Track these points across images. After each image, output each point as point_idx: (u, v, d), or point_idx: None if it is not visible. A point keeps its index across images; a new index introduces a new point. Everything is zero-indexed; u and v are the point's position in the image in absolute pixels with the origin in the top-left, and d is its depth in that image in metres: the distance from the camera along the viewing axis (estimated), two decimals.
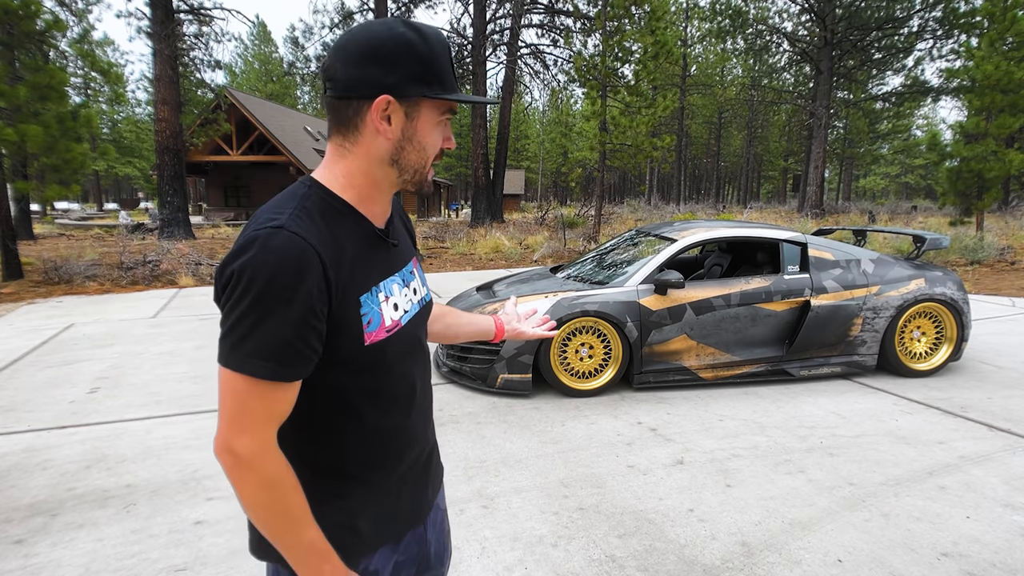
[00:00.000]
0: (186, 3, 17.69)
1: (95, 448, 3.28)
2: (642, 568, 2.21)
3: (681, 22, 39.13)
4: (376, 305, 0.86)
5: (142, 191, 54.53)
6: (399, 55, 0.81)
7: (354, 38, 0.82)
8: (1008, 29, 12.01)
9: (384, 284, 0.89)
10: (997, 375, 4.54)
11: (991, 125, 12.06)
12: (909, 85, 31.08)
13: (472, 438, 3.43)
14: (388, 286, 0.90)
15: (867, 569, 2.18)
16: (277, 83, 50.87)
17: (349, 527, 0.89)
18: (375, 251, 0.88)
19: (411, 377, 0.95)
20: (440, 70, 0.84)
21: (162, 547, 2.34)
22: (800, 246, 4.51)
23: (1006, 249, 11.94)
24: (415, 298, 0.97)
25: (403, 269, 0.95)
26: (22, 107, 8.42)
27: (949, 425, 3.58)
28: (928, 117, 55.61)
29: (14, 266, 9.49)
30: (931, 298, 4.45)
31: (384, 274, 0.90)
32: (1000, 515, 2.55)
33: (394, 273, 0.92)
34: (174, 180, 16.15)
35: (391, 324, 0.88)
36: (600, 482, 2.89)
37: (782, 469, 3.01)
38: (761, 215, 27.48)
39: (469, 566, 2.22)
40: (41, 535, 2.43)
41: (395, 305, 0.90)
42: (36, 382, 4.44)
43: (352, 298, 0.82)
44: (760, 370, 4.37)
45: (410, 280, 0.97)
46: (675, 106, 17.65)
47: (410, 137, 0.85)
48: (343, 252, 0.82)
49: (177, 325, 6.40)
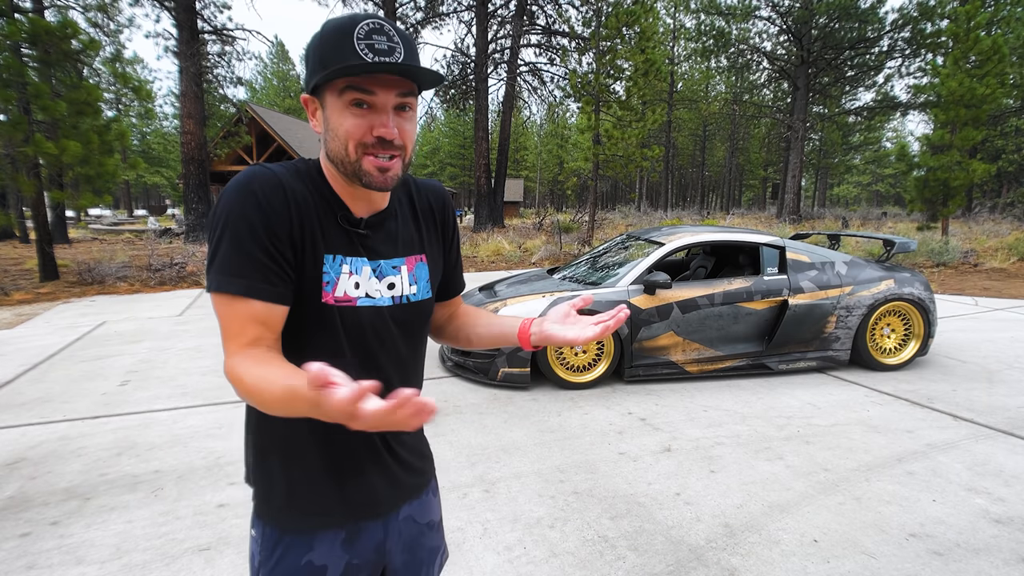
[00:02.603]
0: (210, 24, 17.68)
1: (126, 437, 3.28)
2: (632, 548, 2.20)
3: (669, 42, 39.09)
4: (336, 273, 0.83)
5: (169, 198, 54.53)
6: (308, 54, 0.79)
7: None
8: (971, 48, 12.01)
9: (352, 260, 0.85)
10: (961, 369, 4.54)
11: (956, 137, 12.06)
12: (880, 100, 31.06)
13: (475, 427, 3.43)
14: (357, 265, 0.86)
15: (841, 548, 2.18)
16: (294, 98, 50.79)
17: (287, 482, 0.87)
18: (339, 228, 0.85)
19: (371, 365, 0.88)
20: (328, 52, 0.75)
21: (187, 528, 2.34)
22: (779, 249, 4.50)
23: (969, 252, 11.94)
24: (389, 292, 0.90)
25: (382, 261, 0.89)
26: (61, 121, 8.42)
27: (917, 415, 3.57)
28: (897, 130, 55.55)
29: (51, 268, 9.48)
30: (900, 297, 4.45)
31: (348, 252, 0.85)
32: (964, 499, 2.55)
33: (362, 257, 0.87)
34: (199, 188, 16.14)
35: (342, 296, 0.84)
36: (593, 468, 2.89)
37: (762, 456, 3.01)
38: (743, 221, 27.46)
39: (472, 546, 2.22)
40: (76, 517, 2.43)
41: (356, 284, 0.85)
42: (71, 375, 4.44)
43: (318, 250, 0.81)
44: (742, 364, 4.36)
45: (389, 274, 0.90)
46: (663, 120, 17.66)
47: (328, 128, 0.80)
48: (313, 207, 0.82)
49: (202, 322, 6.40)
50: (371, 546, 0.93)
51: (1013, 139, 30.26)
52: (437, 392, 4.06)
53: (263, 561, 0.88)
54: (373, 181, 0.81)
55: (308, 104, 0.82)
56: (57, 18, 10.68)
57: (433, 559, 1.04)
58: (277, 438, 0.87)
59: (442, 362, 4.74)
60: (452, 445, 3.17)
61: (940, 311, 6.62)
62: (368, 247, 0.88)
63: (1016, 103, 24.01)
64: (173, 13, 15.43)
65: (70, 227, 22.93)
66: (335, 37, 0.75)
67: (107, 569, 2.07)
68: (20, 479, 2.76)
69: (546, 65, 25.95)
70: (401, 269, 0.92)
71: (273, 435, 0.88)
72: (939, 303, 7.15)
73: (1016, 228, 18.23)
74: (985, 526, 2.33)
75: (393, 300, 0.90)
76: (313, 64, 0.78)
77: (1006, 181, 34.01)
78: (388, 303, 0.90)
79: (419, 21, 22.81)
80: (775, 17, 27.95)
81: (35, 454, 3.04)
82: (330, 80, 0.76)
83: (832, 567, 2.07)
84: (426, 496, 1.03)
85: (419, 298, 0.95)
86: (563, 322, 0.92)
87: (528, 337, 0.95)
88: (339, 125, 0.78)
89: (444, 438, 3.26)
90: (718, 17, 28.38)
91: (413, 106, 0.82)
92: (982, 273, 10.27)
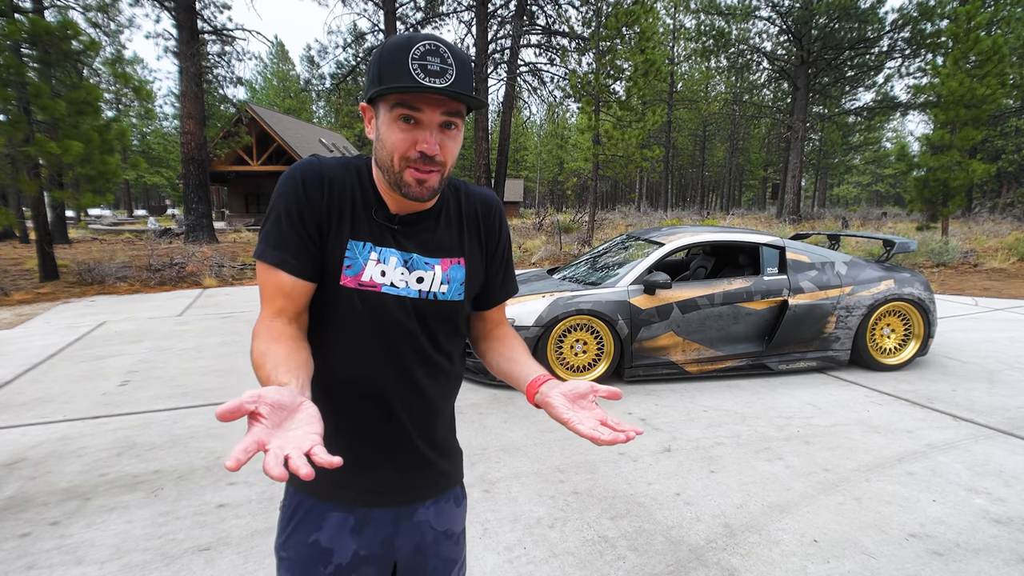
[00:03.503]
0: (210, 24, 17.68)
1: (125, 437, 3.27)
2: (632, 548, 2.20)
3: (669, 42, 39.09)
4: (363, 258, 0.89)
5: (169, 198, 54.53)
6: (370, 65, 0.85)
7: None
8: (971, 49, 12.01)
9: (381, 250, 0.90)
10: (961, 369, 4.54)
11: (955, 137, 12.06)
12: (879, 100, 31.07)
13: (475, 427, 3.43)
14: (386, 255, 0.90)
15: (841, 548, 2.18)
16: (294, 99, 50.82)
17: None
18: (372, 219, 0.91)
19: (393, 357, 0.90)
20: (385, 68, 0.81)
21: (187, 528, 2.34)
22: (778, 249, 4.50)
23: (969, 252, 11.94)
24: (417, 285, 0.91)
25: (415, 254, 0.92)
26: (61, 121, 8.41)
27: (917, 415, 3.57)
28: (897, 130, 55.58)
29: (51, 268, 9.48)
30: (900, 297, 4.45)
31: (378, 241, 0.90)
32: (964, 499, 2.55)
33: (392, 248, 0.90)
34: (199, 188, 16.14)
35: (367, 281, 0.88)
36: (593, 468, 2.89)
37: (762, 456, 3.01)
38: (742, 221, 27.46)
39: (472, 546, 2.22)
40: (76, 517, 2.43)
41: (382, 272, 0.89)
42: (71, 375, 4.44)
43: (343, 236, 0.88)
44: (742, 364, 4.36)
45: (421, 268, 0.92)
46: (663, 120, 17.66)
47: (378, 137, 0.86)
48: (350, 196, 0.90)
49: (202, 323, 6.40)
50: (379, 538, 0.93)
51: (1013, 139, 30.27)
52: None
53: (280, 531, 0.94)
54: (411, 192, 0.86)
55: (365, 112, 0.89)
56: (57, 18, 10.69)
57: (449, 570, 1.01)
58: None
59: None
60: None
61: (940, 311, 6.62)
62: (400, 241, 0.92)
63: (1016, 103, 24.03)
64: (173, 13, 15.43)
65: (70, 227, 22.93)
66: (393, 54, 0.81)
67: (107, 569, 2.07)
68: (20, 479, 2.76)
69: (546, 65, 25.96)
70: (435, 267, 0.94)
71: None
72: (939, 303, 7.15)
73: (1016, 228, 18.24)
74: (985, 526, 2.33)
75: (420, 294, 0.92)
76: (371, 76, 0.84)
77: (1006, 181, 34.03)
78: (414, 295, 0.92)
79: (419, 21, 22.82)
80: (775, 17, 27.95)
81: (35, 454, 3.04)
82: (383, 95, 0.83)
83: (832, 567, 2.07)
84: (447, 502, 1.01)
85: (448, 298, 0.95)
86: (575, 402, 0.83)
87: (534, 394, 0.90)
88: (387, 137, 0.84)
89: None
90: (718, 17, 28.39)
91: (459, 125, 0.86)
92: (982, 273, 10.28)
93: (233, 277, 10.10)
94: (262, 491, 2.63)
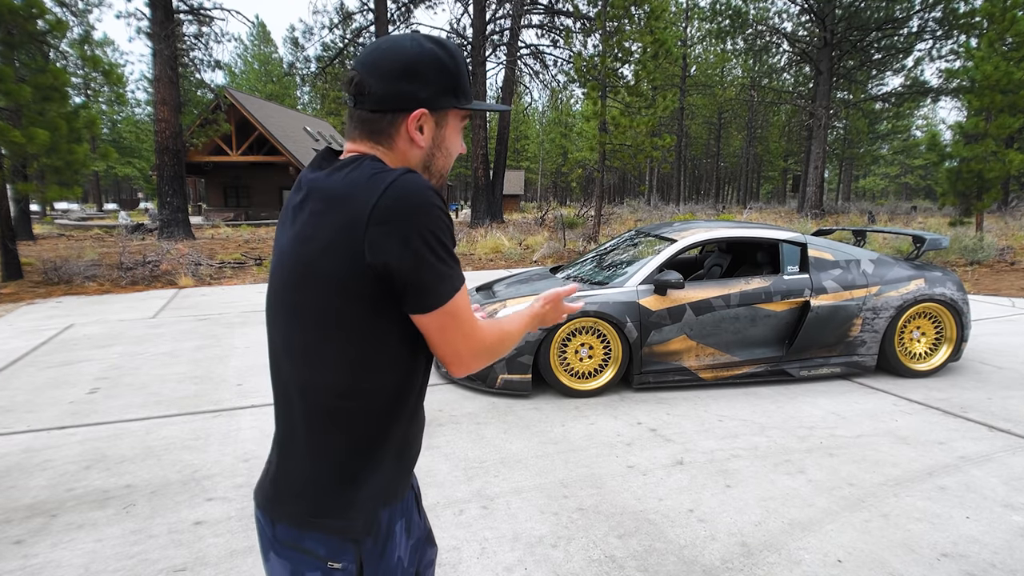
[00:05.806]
0: (186, 3, 17.69)
1: (95, 448, 3.27)
2: (642, 568, 2.21)
3: (681, 22, 39.14)
4: None
5: (142, 191, 54.55)
6: (431, 71, 0.90)
7: (386, 56, 0.89)
8: (1008, 29, 12.01)
9: None
10: (997, 375, 4.54)
11: (991, 125, 12.06)
12: (909, 85, 31.09)
13: (472, 438, 3.43)
14: None
15: (867, 569, 2.18)
16: (277, 83, 50.88)
17: (397, 471, 1.00)
18: None
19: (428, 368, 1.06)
20: (465, 82, 0.95)
21: (162, 547, 2.34)
22: (800, 246, 4.51)
23: (1006, 249, 11.95)
24: None
25: None
26: (25, 108, 8.42)
27: (949, 425, 3.58)
28: (928, 117, 55.61)
29: (14, 266, 9.49)
30: (931, 298, 4.45)
31: None
32: (1000, 515, 2.55)
33: None
34: (174, 180, 16.14)
35: None
36: (600, 482, 2.89)
37: (782, 469, 3.01)
38: (761, 215, 27.48)
39: (469, 566, 2.22)
40: (41, 535, 2.43)
41: None
42: (36, 383, 4.44)
43: None
44: (760, 370, 4.37)
45: None
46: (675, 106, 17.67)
47: (439, 144, 0.96)
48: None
49: (177, 325, 6.40)
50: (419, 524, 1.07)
51: None
52: (431, 400, 4.07)
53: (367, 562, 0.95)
54: (443, 188, 1.01)
55: (421, 117, 0.92)
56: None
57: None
58: (396, 437, 0.96)
59: (436, 368, 4.74)
60: (448, 458, 3.17)
61: (974, 313, 6.62)
62: None
63: None
64: None
65: (35, 222, 22.94)
66: (464, 65, 0.95)
67: None
68: None
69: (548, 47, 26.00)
70: None
71: (390, 435, 0.96)
72: (973, 304, 7.15)
73: None
74: (1023, 545, 2.33)
75: None
76: (447, 86, 0.92)
77: None
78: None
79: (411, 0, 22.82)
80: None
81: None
82: (466, 108, 0.96)
83: None
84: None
85: None
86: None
87: None
88: (453, 144, 0.98)
89: (439, 450, 3.26)
90: None
91: None
92: (1020, 272, 10.28)
93: (211, 276, 10.10)
94: (242, 507, 2.63)
